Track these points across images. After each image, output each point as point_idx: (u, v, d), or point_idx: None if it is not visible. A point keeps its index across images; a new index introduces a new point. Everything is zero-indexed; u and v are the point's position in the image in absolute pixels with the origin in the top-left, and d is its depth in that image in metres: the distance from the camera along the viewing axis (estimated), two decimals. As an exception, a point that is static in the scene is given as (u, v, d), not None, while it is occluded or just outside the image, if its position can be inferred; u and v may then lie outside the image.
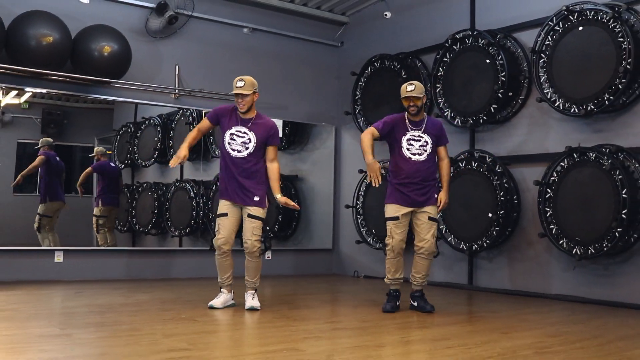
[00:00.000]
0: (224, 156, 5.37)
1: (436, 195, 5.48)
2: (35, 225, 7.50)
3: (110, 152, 8.32)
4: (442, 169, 5.60)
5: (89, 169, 8.06)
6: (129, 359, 3.43)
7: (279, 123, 8.43)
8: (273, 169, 5.40)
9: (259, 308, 5.29)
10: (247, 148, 5.30)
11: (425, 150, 5.44)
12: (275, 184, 5.38)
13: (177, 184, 8.62)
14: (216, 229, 5.34)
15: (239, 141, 5.29)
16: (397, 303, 5.50)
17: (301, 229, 9.25)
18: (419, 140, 5.44)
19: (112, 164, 8.20)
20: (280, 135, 8.36)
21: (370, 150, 5.38)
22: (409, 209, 5.43)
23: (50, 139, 7.63)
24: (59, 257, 7.07)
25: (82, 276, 7.16)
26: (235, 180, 5.30)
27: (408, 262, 5.58)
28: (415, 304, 5.49)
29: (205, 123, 5.46)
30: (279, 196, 5.35)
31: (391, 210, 5.46)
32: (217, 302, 5.35)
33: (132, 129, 8.48)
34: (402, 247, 5.45)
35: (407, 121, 5.48)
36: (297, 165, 9.42)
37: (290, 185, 9.15)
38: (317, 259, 9.06)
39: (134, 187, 8.57)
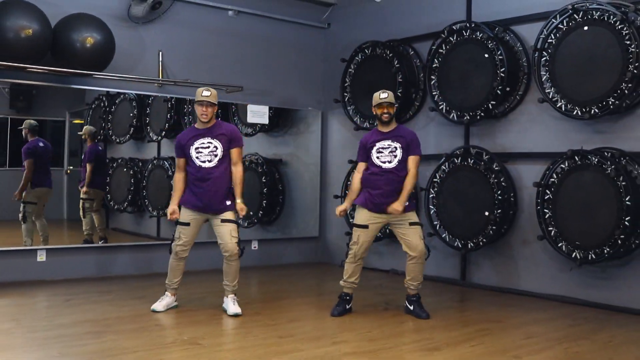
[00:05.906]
0: (192, 170, 5.48)
1: (409, 202, 5.47)
2: None
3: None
4: (406, 179, 5.46)
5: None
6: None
7: (264, 110, 8.22)
8: (236, 173, 5.51)
9: (241, 313, 5.44)
10: (216, 156, 5.44)
11: (395, 156, 5.45)
12: (237, 189, 5.49)
13: (154, 162, 8.32)
14: (176, 236, 5.52)
15: (206, 152, 5.44)
16: (348, 306, 5.61)
17: (286, 214, 9.00)
18: (388, 148, 5.47)
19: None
20: (266, 122, 8.21)
21: (354, 197, 5.61)
22: (381, 219, 5.49)
23: None
24: (41, 257, 6.82)
25: (64, 275, 6.95)
26: (206, 192, 5.42)
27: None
28: (412, 308, 5.56)
29: (180, 162, 5.57)
30: (239, 201, 5.46)
31: (362, 217, 5.52)
32: (159, 305, 5.55)
33: (106, 103, 8.07)
34: (365, 255, 5.59)
35: (377, 133, 5.55)
36: (280, 149, 9.13)
37: (274, 169, 8.89)
38: (303, 246, 8.86)
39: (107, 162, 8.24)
